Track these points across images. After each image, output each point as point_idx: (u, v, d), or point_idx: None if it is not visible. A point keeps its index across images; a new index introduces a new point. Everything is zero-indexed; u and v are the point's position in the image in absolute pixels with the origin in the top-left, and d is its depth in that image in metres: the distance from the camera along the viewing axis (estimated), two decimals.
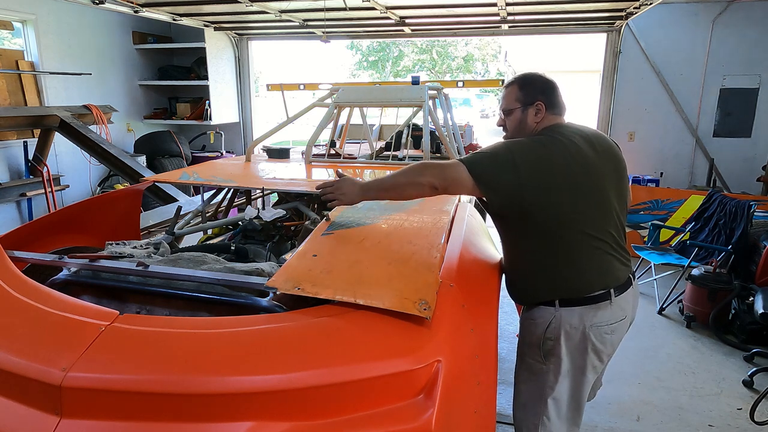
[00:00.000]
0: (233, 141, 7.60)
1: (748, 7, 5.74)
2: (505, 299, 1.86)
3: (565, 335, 1.72)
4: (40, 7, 5.43)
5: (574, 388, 1.79)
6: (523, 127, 1.86)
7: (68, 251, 2.17)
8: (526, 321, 1.85)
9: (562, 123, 1.86)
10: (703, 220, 4.87)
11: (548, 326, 1.74)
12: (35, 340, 1.29)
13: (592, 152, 1.76)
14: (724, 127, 6.09)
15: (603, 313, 1.72)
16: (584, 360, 1.75)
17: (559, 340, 1.73)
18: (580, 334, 1.72)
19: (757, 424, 2.77)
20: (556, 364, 1.75)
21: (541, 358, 1.77)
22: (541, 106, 1.82)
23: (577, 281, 1.72)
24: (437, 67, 26.09)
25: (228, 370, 1.17)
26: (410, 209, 2.19)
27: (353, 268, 1.54)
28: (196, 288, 1.62)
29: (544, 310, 1.76)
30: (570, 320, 1.72)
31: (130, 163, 4.85)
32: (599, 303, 1.72)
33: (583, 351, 1.74)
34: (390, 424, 1.15)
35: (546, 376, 1.77)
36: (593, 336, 1.72)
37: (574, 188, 1.69)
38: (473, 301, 1.60)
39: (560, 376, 1.76)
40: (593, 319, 1.72)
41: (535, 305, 1.80)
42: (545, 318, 1.75)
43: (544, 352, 1.76)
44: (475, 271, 1.83)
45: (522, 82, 1.86)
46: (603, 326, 1.73)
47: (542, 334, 1.75)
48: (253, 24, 6.59)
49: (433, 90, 3.78)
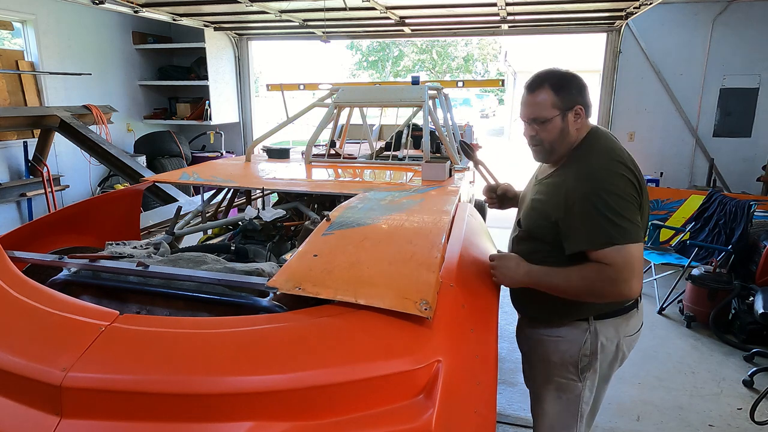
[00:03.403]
0: (233, 141, 7.60)
1: (748, 7, 5.74)
2: (505, 299, 1.86)
3: (601, 348, 1.67)
4: (40, 8, 5.43)
5: (598, 397, 1.76)
6: (564, 137, 1.63)
7: (68, 251, 2.17)
8: (548, 338, 1.73)
9: (600, 129, 1.69)
10: (703, 220, 4.87)
11: (585, 343, 1.66)
12: (35, 340, 1.29)
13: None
14: (724, 126, 6.09)
15: (633, 322, 1.70)
16: (612, 370, 1.73)
17: (595, 354, 1.67)
18: (615, 345, 1.68)
19: (757, 424, 2.77)
20: (592, 379, 1.70)
21: (577, 376, 1.69)
22: (581, 111, 1.62)
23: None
24: (437, 67, 26.12)
25: (228, 370, 1.17)
26: (410, 209, 2.19)
27: (354, 268, 1.54)
28: (197, 288, 1.62)
29: (577, 326, 1.67)
30: (606, 333, 1.66)
31: (130, 164, 4.85)
32: (630, 312, 1.69)
33: (614, 361, 1.71)
34: (390, 424, 1.15)
35: (582, 392, 1.71)
36: (625, 346, 1.70)
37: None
38: (473, 301, 1.60)
39: (594, 389, 1.72)
40: (626, 329, 1.69)
41: (564, 323, 1.69)
42: (579, 334, 1.67)
43: (581, 369, 1.68)
44: (476, 271, 1.83)
45: (557, 85, 1.61)
46: (633, 335, 1.72)
47: (578, 351, 1.67)
48: (253, 24, 6.59)
49: (433, 90, 3.78)
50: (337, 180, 3.15)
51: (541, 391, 1.80)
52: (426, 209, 2.19)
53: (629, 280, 1.46)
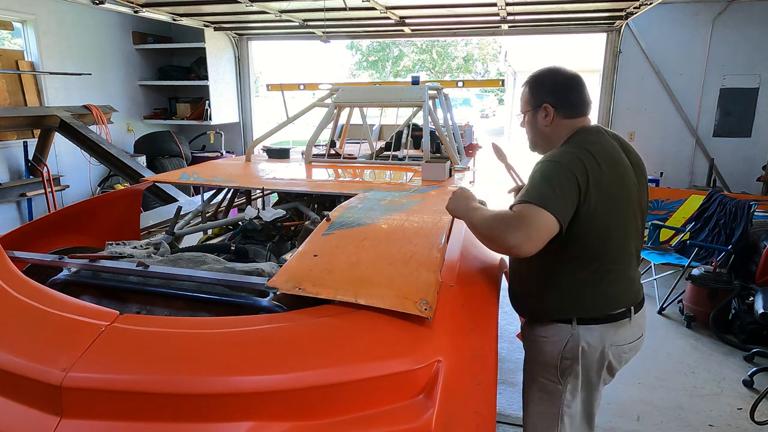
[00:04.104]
0: (233, 141, 7.60)
1: (748, 7, 5.74)
2: (505, 299, 1.86)
3: (582, 354, 1.65)
4: (40, 8, 5.43)
5: (587, 401, 1.74)
6: (537, 132, 1.73)
7: (68, 251, 2.17)
8: (537, 339, 1.74)
9: (588, 128, 1.68)
10: (703, 220, 4.87)
11: (565, 345, 1.65)
12: (35, 340, 1.29)
13: (625, 163, 1.65)
14: (724, 126, 6.09)
15: (623, 332, 1.66)
16: (599, 377, 1.70)
17: (576, 359, 1.65)
18: (599, 353, 1.65)
19: (758, 424, 2.77)
20: (573, 383, 1.69)
21: (557, 378, 1.70)
22: (548, 109, 1.67)
23: (601, 299, 1.64)
24: (437, 67, 26.12)
25: (228, 370, 1.17)
26: (410, 209, 2.19)
27: (354, 268, 1.54)
28: (197, 288, 1.62)
29: (560, 327, 1.66)
30: (588, 339, 1.64)
31: (130, 164, 4.85)
32: (620, 321, 1.65)
33: (599, 369, 1.68)
34: (390, 424, 1.15)
35: (562, 395, 1.71)
36: (611, 355, 1.66)
37: (613, 203, 1.58)
38: (473, 301, 1.60)
39: (576, 393, 1.71)
40: (613, 338, 1.65)
41: (548, 322, 1.70)
42: (561, 336, 1.66)
43: (560, 371, 1.69)
44: (476, 271, 1.83)
45: (532, 83, 1.72)
46: (622, 345, 1.67)
47: (558, 353, 1.67)
48: (253, 24, 6.59)
49: (433, 90, 3.78)
50: (337, 180, 3.15)
51: (528, 390, 1.82)
52: (426, 209, 2.19)
53: (516, 231, 1.44)
